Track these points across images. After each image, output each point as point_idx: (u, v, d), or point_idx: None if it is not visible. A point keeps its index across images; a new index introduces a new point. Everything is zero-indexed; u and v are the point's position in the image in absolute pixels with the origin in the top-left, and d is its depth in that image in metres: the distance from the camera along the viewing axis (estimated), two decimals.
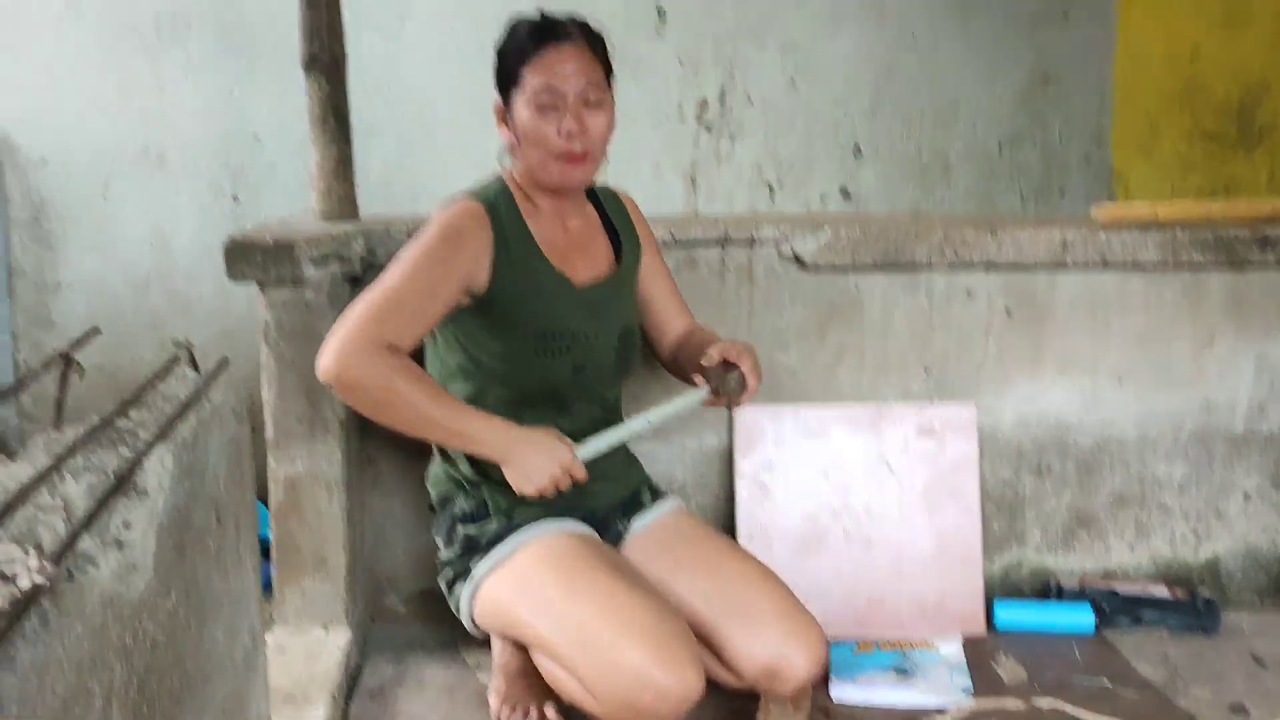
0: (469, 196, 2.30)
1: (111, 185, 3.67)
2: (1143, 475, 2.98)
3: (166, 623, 1.28)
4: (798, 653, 2.25)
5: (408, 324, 2.14)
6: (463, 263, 2.22)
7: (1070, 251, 2.82)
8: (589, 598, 2.14)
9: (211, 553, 1.48)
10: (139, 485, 1.26)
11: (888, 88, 3.91)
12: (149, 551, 1.23)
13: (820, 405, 2.87)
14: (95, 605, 1.08)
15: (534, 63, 2.21)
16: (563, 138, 2.21)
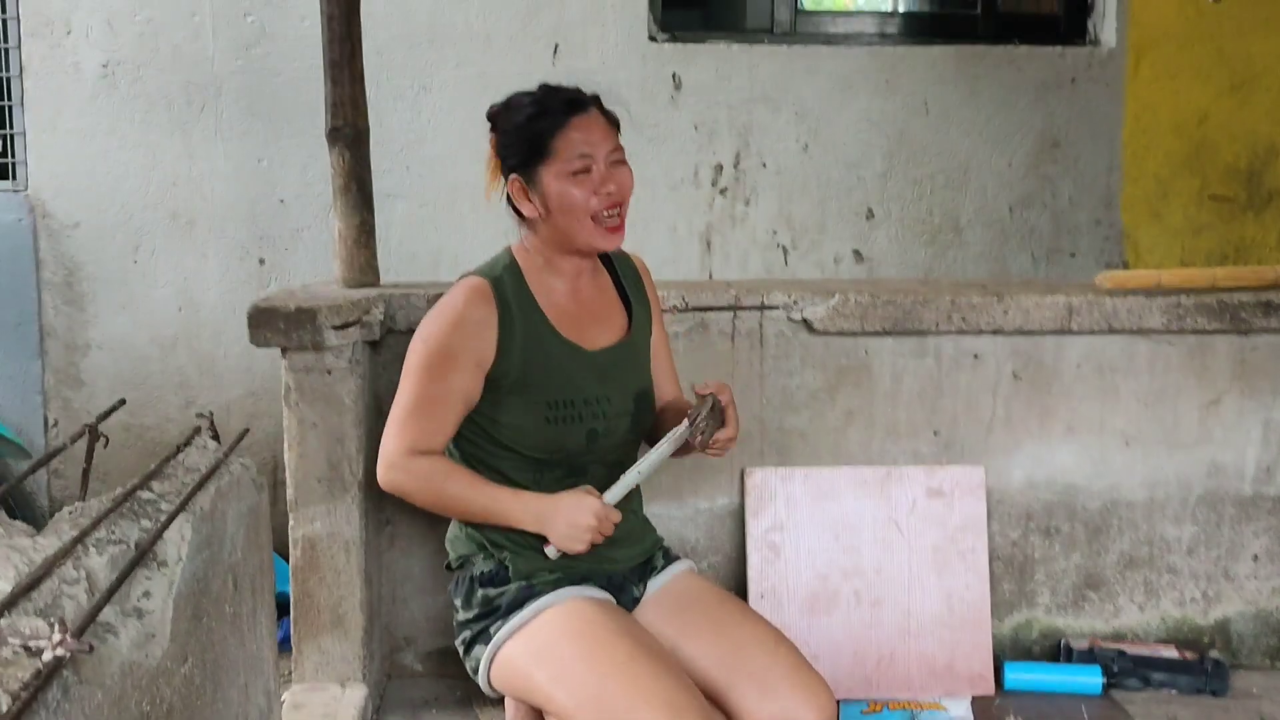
0: (474, 274, 2.35)
1: (141, 248, 3.77)
2: (1151, 537, 3.01)
3: (183, 688, 1.34)
4: (808, 714, 2.27)
5: (436, 429, 2.26)
6: (472, 350, 2.27)
7: (1076, 317, 2.87)
8: (607, 666, 2.15)
9: (228, 618, 1.53)
10: (159, 556, 1.32)
11: (899, 152, 3.98)
12: (167, 620, 1.29)
13: (830, 467, 2.92)
14: (115, 674, 1.14)
15: (566, 134, 2.25)
16: (601, 197, 2.26)
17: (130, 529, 1.32)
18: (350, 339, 2.62)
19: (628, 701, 2.09)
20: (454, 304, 2.29)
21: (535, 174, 2.28)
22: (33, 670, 0.93)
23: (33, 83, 3.72)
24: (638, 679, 2.13)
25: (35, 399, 3.76)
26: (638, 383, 2.44)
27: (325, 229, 3.73)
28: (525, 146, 2.29)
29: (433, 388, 2.26)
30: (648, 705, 2.08)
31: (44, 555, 1.18)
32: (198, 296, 3.79)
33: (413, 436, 2.25)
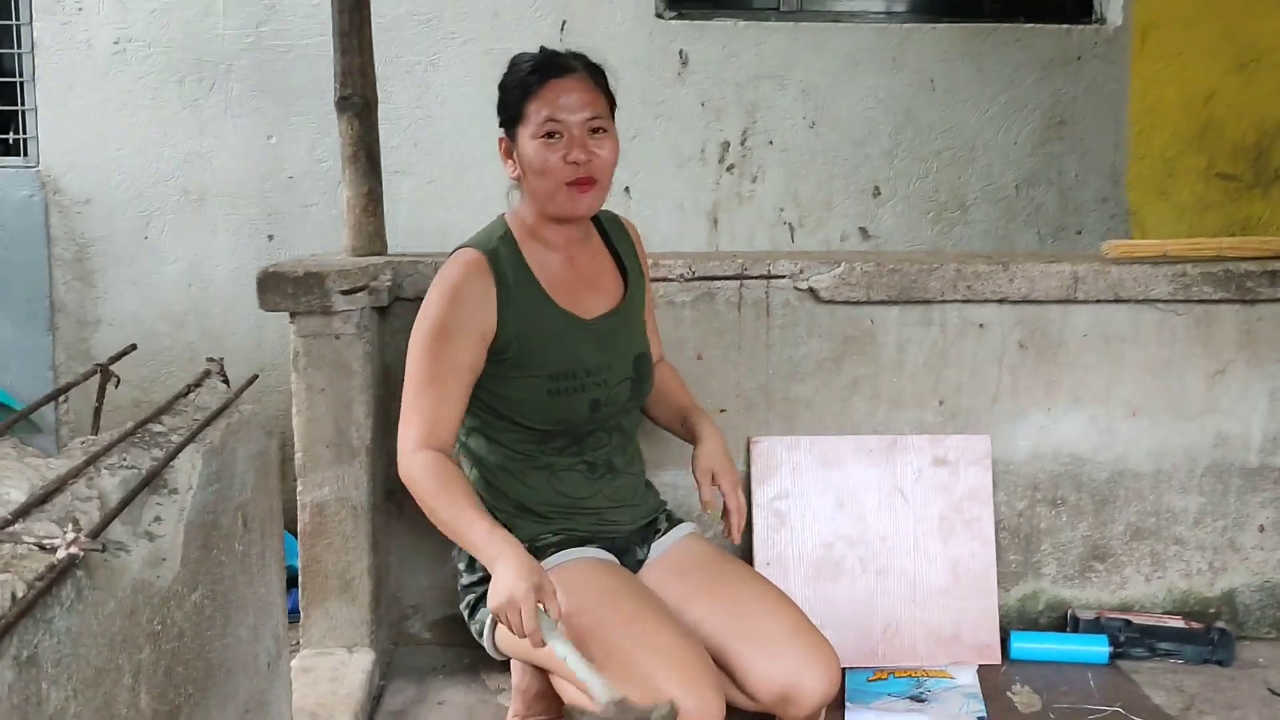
0: (468, 247, 2.35)
1: (152, 225, 3.79)
2: (1158, 508, 3.01)
3: (194, 615, 1.35)
4: (813, 676, 2.28)
5: (445, 409, 2.25)
6: (473, 323, 2.27)
7: (1082, 286, 2.88)
8: (611, 624, 2.16)
9: (238, 555, 1.55)
10: (170, 484, 1.34)
11: (906, 130, 3.99)
12: (178, 546, 1.30)
13: (835, 436, 2.93)
14: (126, 589, 1.16)
15: (537, 96, 2.26)
16: (568, 165, 2.26)
17: (141, 457, 1.33)
18: (358, 304, 2.63)
19: (633, 656, 2.10)
20: (450, 278, 2.29)
21: (515, 135, 2.31)
22: (47, 564, 0.94)
23: (44, 59, 3.74)
24: (642, 636, 2.14)
25: (46, 374, 3.78)
26: (636, 347, 2.45)
27: (334, 205, 3.76)
28: (505, 106, 2.33)
29: (437, 365, 2.25)
30: (652, 661, 2.09)
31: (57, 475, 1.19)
32: (207, 272, 3.81)
33: (422, 421, 2.23)
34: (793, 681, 2.27)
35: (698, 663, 2.12)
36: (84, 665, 1.03)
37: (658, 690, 2.05)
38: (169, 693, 1.26)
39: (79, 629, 1.01)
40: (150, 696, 1.20)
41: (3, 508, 1.06)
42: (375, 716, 2.60)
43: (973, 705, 2.61)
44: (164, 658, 1.25)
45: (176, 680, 1.29)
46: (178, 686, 1.29)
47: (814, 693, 2.27)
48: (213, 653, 1.42)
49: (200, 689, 1.37)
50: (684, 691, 2.05)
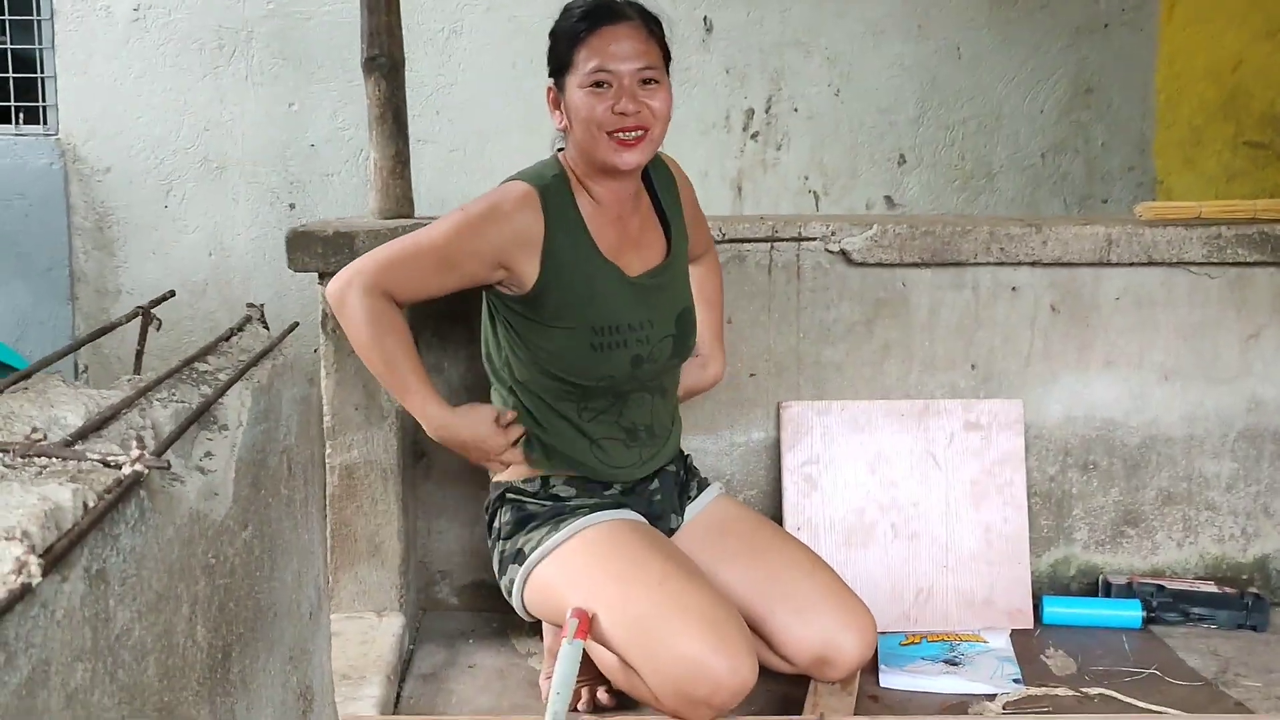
0: (522, 178, 2.29)
1: (172, 193, 3.77)
2: (1190, 473, 2.98)
3: (244, 553, 1.33)
4: (848, 638, 2.27)
5: (415, 282, 2.22)
6: (498, 242, 2.20)
7: (1115, 248, 2.85)
8: (643, 586, 2.13)
9: (284, 499, 1.53)
10: (220, 420, 1.32)
11: (932, 98, 3.97)
12: (229, 481, 1.28)
13: (867, 400, 2.91)
14: (183, 517, 1.14)
15: (587, 43, 2.19)
16: (614, 116, 2.18)
17: (190, 393, 1.31)
18: None
19: (665, 620, 2.08)
20: (502, 200, 2.24)
21: (564, 84, 2.25)
22: (114, 479, 0.92)
23: (64, 27, 3.72)
24: (674, 595, 2.11)
25: (66, 344, 3.76)
26: (680, 303, 2.40)
27: (356, 173, 3.74)
28: (555, 52, 2.27)
29: (444, 247, 2.21)
30: (684, 624, 2.06)
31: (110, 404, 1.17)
32: (228, 241, 3.79)
33: (390, 275, 2.19)
34: (828, 644, 2.25)
35: (730, 624, 2.09)
36: (147, 588, 1.01)
37: (691, 657, 2.03)
38: (222, 629, 1.24)
39: (142, 550, 0.99)
40: (206, 630, 1.18)
41: (61, 430, 1.04)
42: (406, 679, 2.58)
43: (1007, 668, 2.59)
44: (217, 593, 1.23)
45: (229, 617, 1.27)
46: (230, 624, 1.27)
47: (850, 655, 2.26)
48: (261, 594, 1.41)
49: (250, 629, 1.35)
50: (718, 657, 2.03)
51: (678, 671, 2.04)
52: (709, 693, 2.03)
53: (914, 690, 2.50)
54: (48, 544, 0.79)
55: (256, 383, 1.43)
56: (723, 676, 2.02)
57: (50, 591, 0.80)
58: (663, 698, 2.08)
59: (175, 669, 1.07)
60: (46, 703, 0.79)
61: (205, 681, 1.17)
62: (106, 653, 0.90)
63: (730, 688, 2.03)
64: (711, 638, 2.04)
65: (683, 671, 2.03)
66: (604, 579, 2.17)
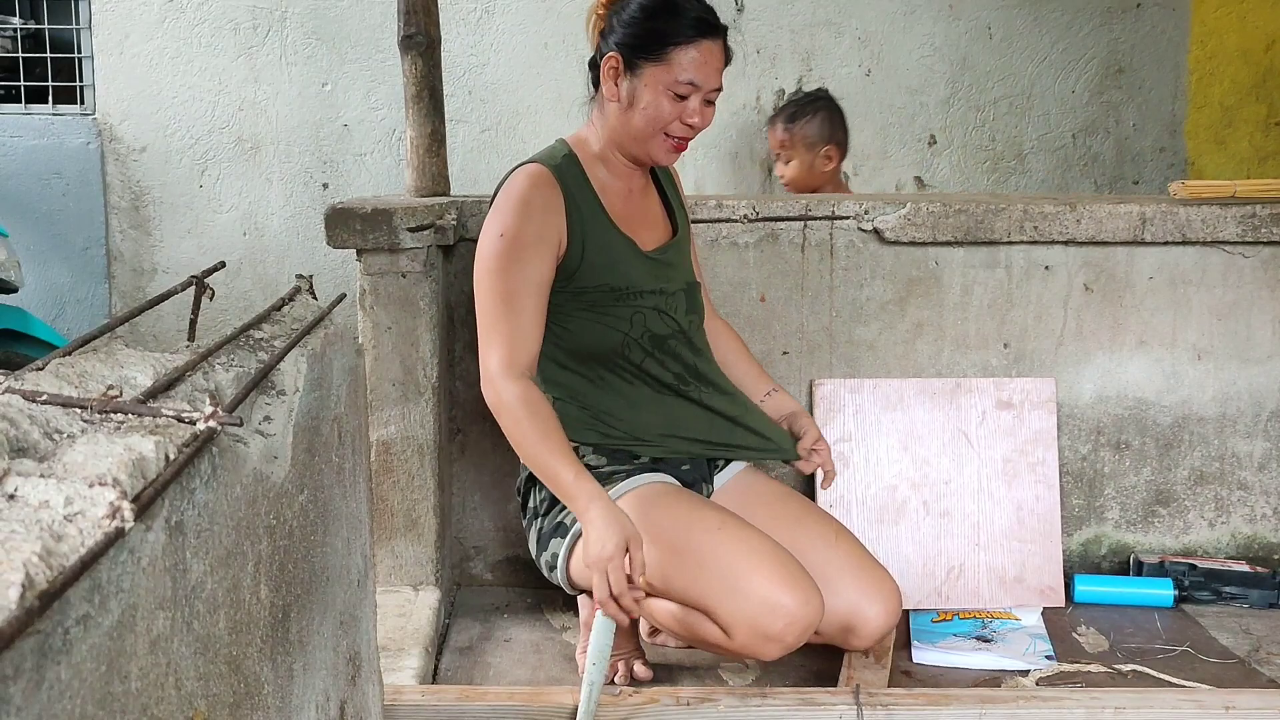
0: (531, 162, 2.33)
1: (207, 173, 3.80)
2: (1222, 453, 2.99)
3: (301, 517, 1.36)
4: (873, 607, 2.30)
5: (526, 328, 2.21)
6: (546, 235, 2.25)
7: (1149, 227, 2.85)
8: (704, 531, 2.19)
9: (335, 466, 1.56)
10: (277, 385, 1.34)
11: (962, 78, 3.96)
12: (287, 445, 1.31)
13: (899, 378, 2.92)
14: (248, 477, 1.16)
15: (688, 52, 2.21)
16: (683, 125, 2.25)
17: (248, 359, 1.34)
18: (425, 242, 2.63)
19: (733, 561, 2.14)
20: (518, 191, 2.26)
21: (639, 66, 2.24)
22: (190, 434, 0.95)
23: (101, 6, 3.75)
24: (737, 538, 2.18)
25: (102, 322, 3.79)
26: (688, 275, 2.47)
27: (389, 153, 3.76)
28: (645, 36, 2.24)
29: (513, 281, 2.22)
30: (753, 562, 2.13)
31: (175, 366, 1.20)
32: (262, 221, 3.82)
33: (504, 342, 2.20)
34: (854, 613, 2.28)
35: (794, 563, 2.17)
36: (218, 544, 1.03)
37: (763, 594, 2.09)
38: (282, 588, 1.27)
39: (214, 506, 1.01)
40: (268, 589, 1.21)
41: (132, 389, 1.07)
42: (443, 653, 2.61)
43: (1040, 645, 2.60)
44: (278, 553, 1.26)
45: (288, 577, 1.29)
46: (289, 584, 1.30)
47: (875, 623, 2.29)
48: (315, 558, 1.43)
49: (306, 591, 1.37)
50: (788, 590, 2.10)
51: (751, 609, 2.10)
52: (784, 627, 2.10)
53: (947, 666, 2.52)
54: (135, 492, 0.81)
55: (310, 350, 1.45)
56: (796, 610, 2.09)
57: (136, 539, 0.82)
58: (736, 635, 2.13)
59: (242, 624, 1.10)
60: (134, 646, 0.81)
61: (268, 639, 1.19)
62: (184, 603, 0.93)
63: (803, 621, 2.11)
64: (782, 574, 2.12)
65: (756, 608, 2.10)
66: (661, 530, 2.19)
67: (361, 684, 1.71)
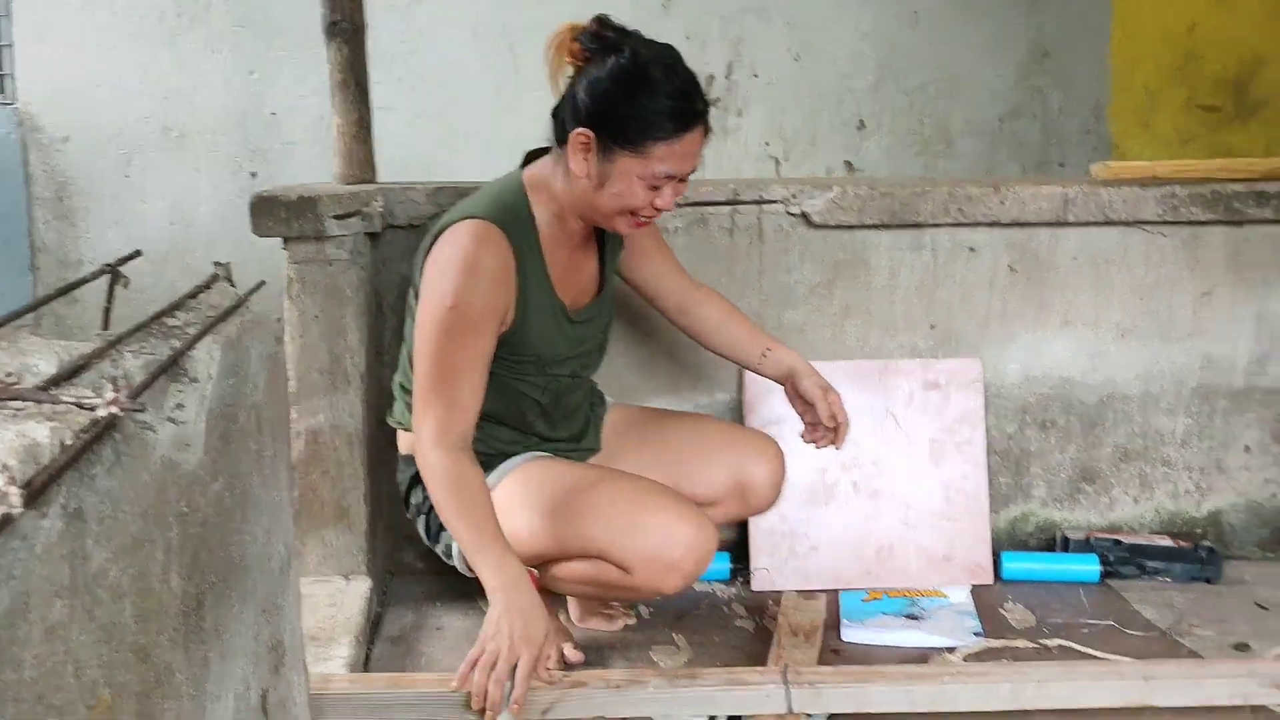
0: (481, 218, 2.17)
1: (133, 163, 3.76)
2: (1146, 430, 3.04)
3: (215, 504, 1.35)
4: (758, 463, 2.41)
5: (467, 405, 2.12)
6: (496, 307, 2.15)
7: (1072, 208, 2.89)
8: (591, 485, 2.25)
9: (254, 454, 1.54)
10: (190, 372, 1.33)
11: (890, 63, 4.00)
12: (200, 432, 1.30)
13: (828, 361, 2.93)
14: (156, 464, 1.15)
15: (670, 145, 2.08)
16: (651, 208, 2.16)
17: (160, 346, 1.32)
18: (351, 229, 2.62)
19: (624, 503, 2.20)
20: (469, 254, 2.12)
21: (613, 150, 2.10)
22: (90, 420, 0.94)
23: None
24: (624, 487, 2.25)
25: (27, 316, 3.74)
26: (599, 338, 2.45)
27: (318, 142, 3.73)
28: (623, 124, 2.09)
29: (459, 354, 2.11)
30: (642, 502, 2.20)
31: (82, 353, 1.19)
32: (190, 211, 3.78)
33: (440, 415, 2.10)
34: (742, 473, 2.40)
35: (681, 497, 2.25)
36: (122, 531, 1.03)
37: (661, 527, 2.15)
38: (195, 577, 1.26)
39: (118, 493, 1.01)
40: (180, 577, 1.20)
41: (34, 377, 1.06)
42: (375, 641, 2.60)
43: (967, 622, 2.64)
44: (190, 541, 1.25)
45: (202, 565, 1.28)
46: (203, 573, 1.29)
47: (764, 477, 2.40)
48: (233, 546, 1.42)
49: (223, 579, 1.37)
50: (681, 520, 2.16)
51: (649, 543, 2.15)
52: (682, 555, 2.15)
53: (875, 644, 2.55)
54: (27, 478, 0.81)
55: (225, 337, 1.44)
56: (692, 537, 2.15)
57: (30, 526, 0.82)
58: (638, 571, 2.18)
59: (151, 612, 1.09)
60: (27, 635, 0.81)
61: (180, 627, 1.19)
62: (84, 590, 0.92)
63: (700, 547, 2.16)
64: (673, 506, 2.19)
65: (654, 541, 2.15)
66: (550, 496, 2.24)
67: (285, 673, 1.70)
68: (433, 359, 2.11)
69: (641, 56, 2.10)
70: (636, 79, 2.08)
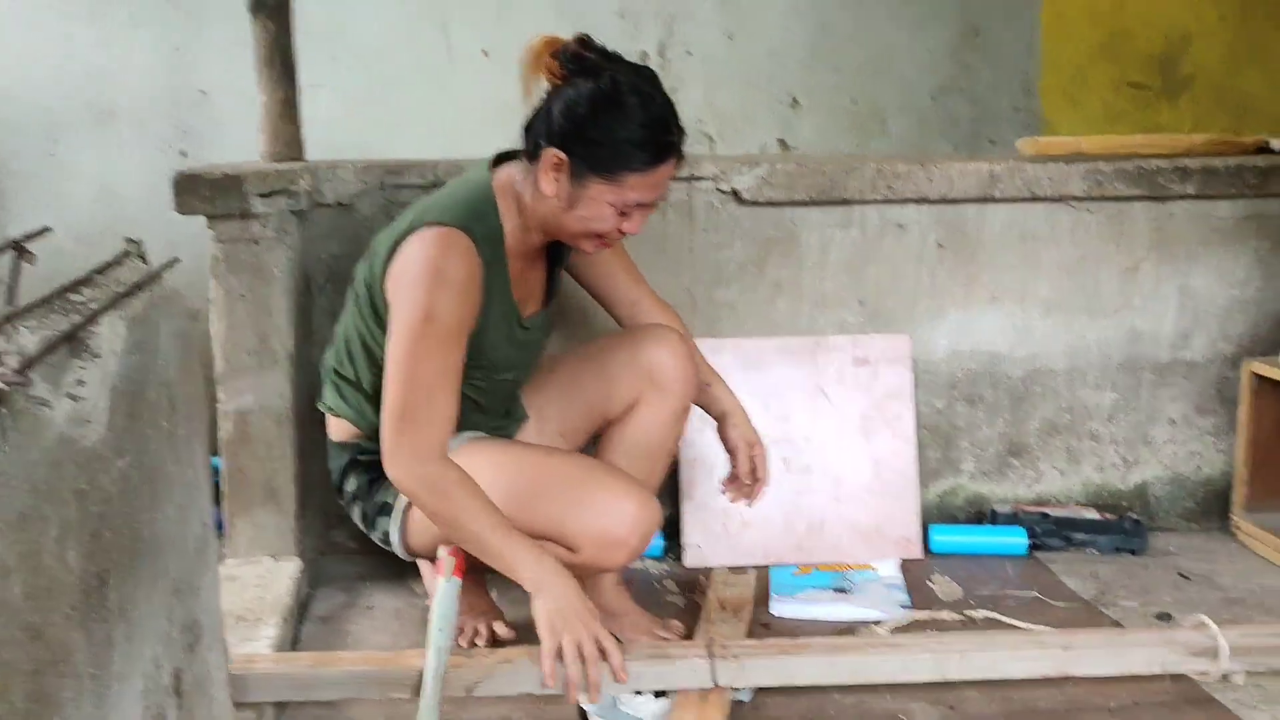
0: (454, 225, 2.13)
1: (59, 142, 3.69)
2: (1072, 404, 3.07)
3: (120, 483, 1.34)
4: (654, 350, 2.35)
5: (445, 416, 2.10)
6: (467, 317, 2.14)
7: (999, 184, 2.92)
8: (533, 465, 2.24)
9: (165, 433, 1.53)
10: (92, 349, 1.32)
11: (823, 40, 4.00)
12: (102, 409, 1.28)
13: (759, 338, 2.95)
14: (51, 440, 1.14)
15: (644, 175, 2.09)
16: (615, 232, 2.16)
17: (61, 322, 1.31)
18: (277, 207, 2.59)
19: (567, 481, 2.21)
20: (442, 265, 2.09)
21: (585, 175, 2.10)
22: None
23: None
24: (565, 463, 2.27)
25: None
26: (543, 345, 2.47)
27: (249, 120, 3.66)
28: (598, 153, 2.08)
29: (431, 368, 2.08)
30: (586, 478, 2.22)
31: None
32: (119, 190, 3.72)
33: (421, 429, 2.07)
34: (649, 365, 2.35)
35: (623, 474, 2.28)
36: (7, 507, 1.01)
37: (605, 503, 2.17)
38: (97, 554, 1.25)
39: (4, 467, 0.99)
40: (78, 554, 1.19)
41: None
42: (304, 622, 2.59)
43: (896, 595, 2.66)
44: (90, 519, 1.23)
45: (105, 544, 1.27)
46: (106, 551, 1.27)
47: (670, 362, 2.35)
48: (141, 525, 1.41)
49: (129, 557, 1.35)
50: (624, 497, 2.18)
51: (596, 519, 2.16)
52: (628, 531, 2.16)
53: (804, 618, 2.57)
54: None
55: (132, 313, 1.42)
56: (638, 512, 2.16)
57: None
58: (584, 548, 2.18)
59: (43, 590, 1.08)
60: None
61: (79, 606, 1.17)
62: None
63: (645, 522, 2.17)
64: (618, 484, 2.21)
65: (601, 518, 2.16)
66: (494, 477, 2.19)
67: (202, 652, 1.69)
68: (410, 373, 2.08)
69: (622, 84, 2.08)
70: (615, 107, 2.07)
